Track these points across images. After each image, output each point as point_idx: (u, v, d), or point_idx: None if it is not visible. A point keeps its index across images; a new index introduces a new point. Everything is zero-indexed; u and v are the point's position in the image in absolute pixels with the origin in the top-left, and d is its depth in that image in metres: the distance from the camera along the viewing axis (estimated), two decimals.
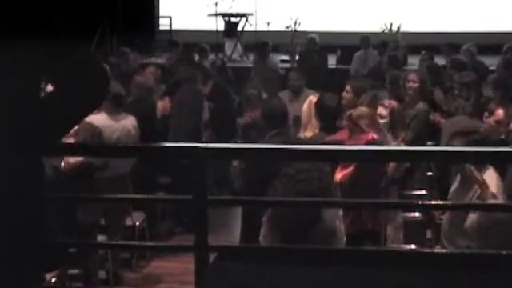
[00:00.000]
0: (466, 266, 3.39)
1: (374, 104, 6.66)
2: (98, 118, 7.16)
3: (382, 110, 6.47)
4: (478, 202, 4.97)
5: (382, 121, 6.33)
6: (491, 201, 4.97)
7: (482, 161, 4.94)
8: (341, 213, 4.51)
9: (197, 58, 12.15)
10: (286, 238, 4.03)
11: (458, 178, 5.46)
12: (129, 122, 7.29)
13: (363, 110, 6.08)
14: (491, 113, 6.44)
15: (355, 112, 5.99)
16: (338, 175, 5.48)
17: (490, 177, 5.17)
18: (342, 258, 3.64)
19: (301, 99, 8.37)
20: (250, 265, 3.60)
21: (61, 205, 5.73)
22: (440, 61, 11.28)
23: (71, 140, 6.35)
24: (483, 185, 5.00)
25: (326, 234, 4.17)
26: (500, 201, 5.00)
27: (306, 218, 4.08)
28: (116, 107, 7.23)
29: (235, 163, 6.33)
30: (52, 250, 3.77)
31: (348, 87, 8.02)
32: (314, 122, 6.72)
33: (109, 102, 7.16)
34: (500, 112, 6.40)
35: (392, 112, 6.57)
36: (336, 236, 4.32)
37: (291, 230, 4.05)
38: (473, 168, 5.07)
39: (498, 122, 6.38)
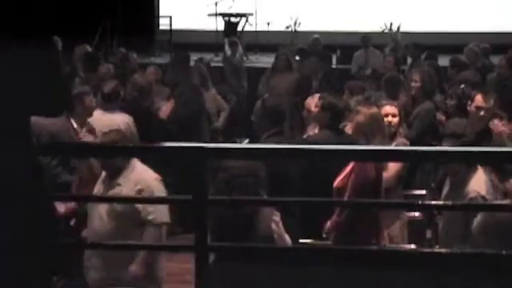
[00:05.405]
0: (466, 266, 3.38)
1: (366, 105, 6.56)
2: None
3: (392, 110, 6.34)
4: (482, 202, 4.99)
5: (394, 119, 6.25)
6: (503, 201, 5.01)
7: (484, 162, 4.95)
8: (277, 217, 4.48)
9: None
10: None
11: (448, 181, 5.45)
12: (120, 118, 7.30)
13: (370, 112, 5.91)
14: (472, 100, 6.48)
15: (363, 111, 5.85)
16: (336, 182, 5.42)
17: (480, 179, 5.18)
18: (342, 258, 3.64)
19: None
20: (249, 265, 3.60)
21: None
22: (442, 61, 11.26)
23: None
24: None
25: (263, 240, 4.19)
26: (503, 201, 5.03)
27: (240, 223, 4.09)
28: (107, 104, 7.30)
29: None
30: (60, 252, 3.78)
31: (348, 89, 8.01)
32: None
33: (101, 100, 7.30)
34: (479, 97, 6.43)
35: (400, 111, 6.49)
36: (274, 240, 4.33)
37: (227, 235, 4.06)
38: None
39: (478, 108, 6.40)
